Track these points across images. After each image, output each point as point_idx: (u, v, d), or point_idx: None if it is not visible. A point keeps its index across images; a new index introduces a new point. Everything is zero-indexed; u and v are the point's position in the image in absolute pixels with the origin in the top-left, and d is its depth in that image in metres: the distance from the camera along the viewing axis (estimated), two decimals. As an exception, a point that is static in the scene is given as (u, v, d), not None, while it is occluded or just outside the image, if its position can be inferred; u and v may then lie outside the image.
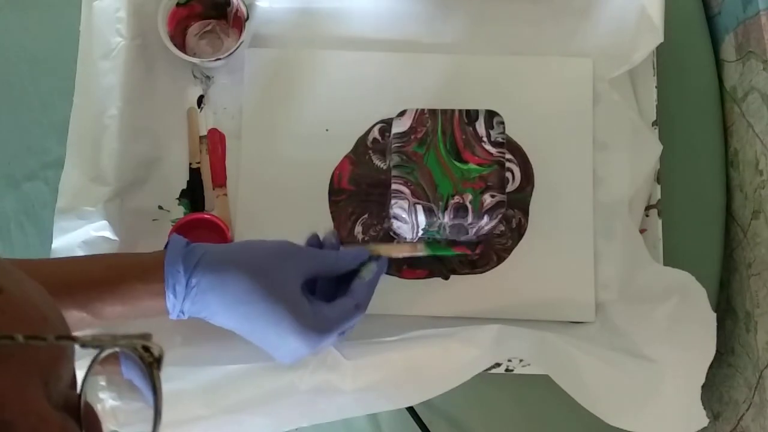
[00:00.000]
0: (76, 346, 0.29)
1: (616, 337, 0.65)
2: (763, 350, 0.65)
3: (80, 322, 0.52)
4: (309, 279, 0.57)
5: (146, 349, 0.33)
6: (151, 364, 0.31)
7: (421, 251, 0.64)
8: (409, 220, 0.61)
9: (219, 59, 0.70)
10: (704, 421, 0.60)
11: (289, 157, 0.72)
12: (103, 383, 0.60)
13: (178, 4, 0.71)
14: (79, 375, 0.32)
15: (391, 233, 0.69)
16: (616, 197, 0.69)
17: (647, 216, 0.70)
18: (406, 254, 0.64)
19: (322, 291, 0.60)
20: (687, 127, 0.75)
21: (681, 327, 0.63)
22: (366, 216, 0.70)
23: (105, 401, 0.61)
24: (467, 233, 0.65)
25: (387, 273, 0.70)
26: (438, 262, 0.70)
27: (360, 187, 0.71)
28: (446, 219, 0.60)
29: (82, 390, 0.32)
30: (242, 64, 0.73)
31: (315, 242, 0.62)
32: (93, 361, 0.32)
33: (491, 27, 0.74)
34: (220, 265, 0.53)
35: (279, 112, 0.73)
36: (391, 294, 0.69)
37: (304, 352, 0.55)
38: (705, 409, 0.60)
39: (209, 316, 0.54)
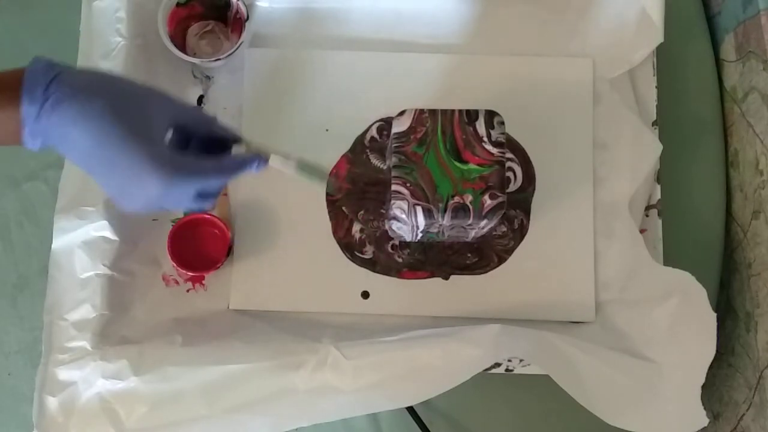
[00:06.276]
0: None
1: (616, 337, 0.65)
2: (763, 350, 0.65)
3: None
4: (180, 132, 0.55)
5: None
6: None
7: (291, 168, 0.60)
8: (408, 221, 0.61)
9: (219, 59, 0.70)
10: (704, 421, 0.60)
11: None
12: None
13: (178, 5, 0.71)
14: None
15: (390, 233, 0.69)
16: (616, 197, 0.69)
17: (647, 216, 0.70)
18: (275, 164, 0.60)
19: (191, 151, 0.57)
20: (687, 127, 0.75)
21: (681, 327, 0.63)
22: (362, 213, 0.70)
23: None
24: (467, 234, 0.65)
25: (387, 275, 0.70)
26: (439, 263, 0.70)
27: (357, 186, 0.71)
28: (446, 220, 0.60)
29: None
30: (242, 64, 0.73)
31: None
32: None
33: (491, 27, 0.74)
34: (83, 92, 0.51)
35: (278, 111, 0.73)
36: (391, 294, 0.69)
37: (154, 194, 0.50)
38: (705, 409, 0.60)
39: (60, 145, 0.50)
